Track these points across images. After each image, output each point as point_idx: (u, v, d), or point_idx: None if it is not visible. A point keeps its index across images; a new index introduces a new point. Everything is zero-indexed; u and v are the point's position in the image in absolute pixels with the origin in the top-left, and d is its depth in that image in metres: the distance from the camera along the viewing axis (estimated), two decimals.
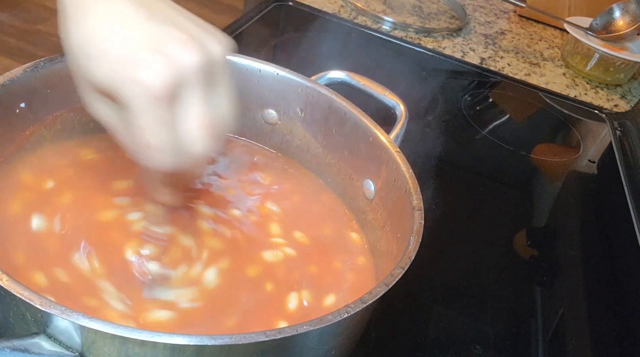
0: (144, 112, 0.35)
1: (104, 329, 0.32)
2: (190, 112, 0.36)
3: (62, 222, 0.46)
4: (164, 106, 0.35)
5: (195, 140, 0.36)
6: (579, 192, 0.86)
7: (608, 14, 1.08)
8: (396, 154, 0.51)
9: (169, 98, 0.35)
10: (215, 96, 0.37)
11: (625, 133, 0.96)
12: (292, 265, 0.49)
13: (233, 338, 0.33)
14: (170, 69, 0.34)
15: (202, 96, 0.36)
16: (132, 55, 0.34)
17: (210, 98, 0.37)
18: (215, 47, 0.37)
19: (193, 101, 0.36)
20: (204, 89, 0.36)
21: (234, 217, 0.52)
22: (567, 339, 0.61)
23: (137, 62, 0.34)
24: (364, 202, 0.55)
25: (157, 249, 0.46)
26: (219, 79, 0.37)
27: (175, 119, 0.36)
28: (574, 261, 0.73)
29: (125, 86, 0.34)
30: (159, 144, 0.36)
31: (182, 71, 0.35)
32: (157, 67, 0.34)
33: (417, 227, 0.44)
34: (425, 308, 0.60)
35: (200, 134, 0.36)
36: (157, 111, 0.35)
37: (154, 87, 0.34)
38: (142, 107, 0.34)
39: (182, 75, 0.35)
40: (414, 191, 0.47)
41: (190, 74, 0.35)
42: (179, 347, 0.32)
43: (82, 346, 0.33)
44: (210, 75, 0.36)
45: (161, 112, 0.35)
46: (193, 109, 0.36)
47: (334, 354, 0.41)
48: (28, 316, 0.34)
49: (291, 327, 0.34)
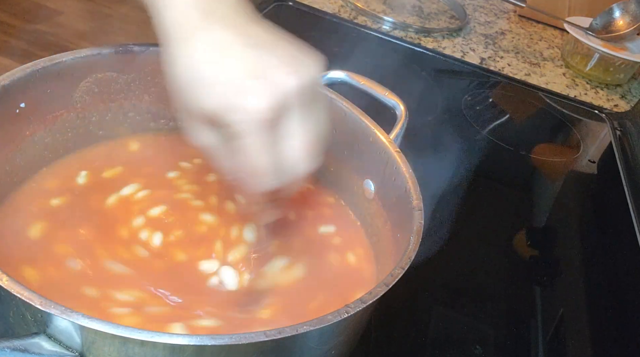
0: (251, 136, 0.36)
1: (103, 329, 0.32)
2: (292, 133, 0.37)
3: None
4: (269, 130, 0.36)
5: (299, 160, 0.38)
6: (579, 192, 0.86)
7: (608, 13, 1.08)
8: (396, 154, 0.51)
9: (274, 122, 0.36)
10: (313, 114, 0.38)
11: (625, 133, 0.96)
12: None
13: (233, 338, 0.33)
14: (273, 94, 0.36)
15: (303, 117, 0.37)
16: (237, 83, 0.36)
17: (309, 116, 0.38)
18: (311, 68, 0.38)
19: (295, 123, 0.37)
20: (304, 110, 0.37)
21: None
22: (567, 339, 0.61)
23: (243, 89, 0.35)
24: (364, 202, 0.55)
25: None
26: (316, 97, 0.38)
27: (278, 141, 0.37)
28: (574, 261, 0.73)
29: (233, 113, 0.36)
30: (265, 167, 0.37)
31: (284, 95, 0.36)
32: (261, 93, 0.35)
33: (417, 227, 0.44)
34: (425, 308, 0.60)
35: (304, 154, 0.38)
36: (263, 135, 0.36)
37: (260, 112, 0.35)
38: (249, 132, 0.36)
39: (284, 99, 0.36)
40: (414, 191, 0.47)
41: (292, 97, 0.36)
42: (178, 347, 0.32)
43: (82, 346, 0.33)
44: (310, 99, 0.38)
45: (266, 135, 0.36)
46: (295, 130, 0.37)
47: (333, 354, 0.41)
48: (28, 316, 0.34)
49: (291, 327, 0.34)
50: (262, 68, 0.36)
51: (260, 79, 0.36)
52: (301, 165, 0.38)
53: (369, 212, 0.54)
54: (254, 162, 0.37)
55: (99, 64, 0.52)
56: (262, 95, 0.35)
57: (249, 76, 0.36)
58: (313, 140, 0.38)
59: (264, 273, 0.47)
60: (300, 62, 0.38)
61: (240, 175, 0.39)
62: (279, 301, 0.46)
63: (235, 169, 0.39)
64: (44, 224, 0.46)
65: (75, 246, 0.45)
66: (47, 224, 0.46)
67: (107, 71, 0.53)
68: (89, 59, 0.51)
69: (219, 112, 0.36)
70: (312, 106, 0.38)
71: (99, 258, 0.45)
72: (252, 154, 0.37)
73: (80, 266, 0.44)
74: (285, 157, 0.38)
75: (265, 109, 0.35)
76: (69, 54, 0.50)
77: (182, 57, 0.37)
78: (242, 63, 0.36)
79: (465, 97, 0.97)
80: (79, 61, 0.50)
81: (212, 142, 0.39)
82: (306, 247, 0.52)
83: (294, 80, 0.36)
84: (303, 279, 0.49)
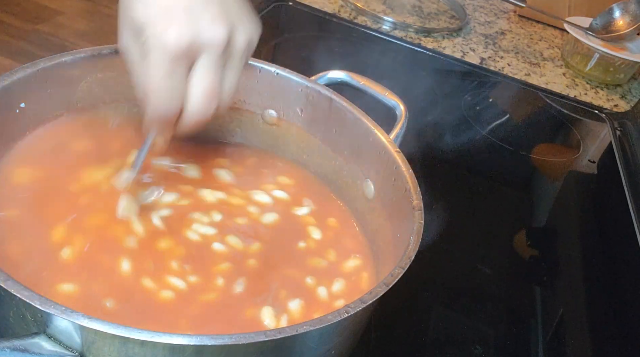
0: (155, 57, 0.40)
1: (103, 329, 0.32)
2: (198, 75, 0.41)
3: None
4: (176, 63, 0.40)
5: (194, 100, 0.42)
6: (579, 192, 0.86)
7: (608, 13, 1.08)
8: (396, 154, 0.51)
9: (183, 58, 0.40)
10: (227, 72, 0.43)
11: (625, 133, 0.96)
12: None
13: (233, 338, 0.33)
14: (191, 31, 0.39)
15: (214, 68, 0.42)
16: (172, 12, 0.40)
17: (220, 70, 0.42)
18: (242, 35, 0.42)
19: (204, 68, 0.41)
20: (218, 63, 0.42)
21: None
22: (567, 339, 0.61)
23: (171, 19, 0.40)
24: (364, 202, 0.55)
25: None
26: (234, 62, 0.43)
27: (183, 76, 0.41)
28: (574, 261, 0.73)
29: (152, 36, 0.40)
30: (160, 89, 0.41)
31: (201, 40, 0.40)
32: (182, 30, 0.39)
33: (417, 227, 0.44)
34: (425, 308, 0.60)
35: (200, 97, 0.42)
36: (169, 64, 0.40)
37: (169, 45, 0.39)
38: (159, 57, 0.40)
39: (199, 44, 0.40)
40: (414, 191, 0.47)
41: (209, 46, 0.41)
42: (179, 347, 0.32)
43: (82, 346, 0.33)
44: (228, 55, 0.42)
45: (171, 67, 0.40)
46: (202, 74, 0.41)
47: (333, 354, 0.41)
48: (28, 316, 0.34)
49: (291, 327, 0.34)
50: (199, 11, 0.40)
51: (190, 16, 0.40)
52: (195, 106, 0.42)
53: (368, 212, 0.54)
54: (151, 82, 0.41)
55: (99, 64, 0.52)
56: (181, 27, 0.39)
57: (184, 14, 0.40)
58: (214, 90, 0.42)
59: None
60: (236, 24, 0.42)
61: (141, 91, 0.43)
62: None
63: (139, 84, 0.43)
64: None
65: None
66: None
67: (107, 71, 0.53)
68: (89, 59, 0.51)
69: (142, 24, 0.40)
70: (228, 67, 0.43)
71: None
72: (151, 73, 0.41)
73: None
74: (185, 92, 0.42)
75: (174, 44, 0.39)
76: (69, 54, 0.50)
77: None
78: (189, 1, 0.40)
79: (465, 97, 0.97)
80: (79, 61, 0.50)
81: (132, 53, 0.43)
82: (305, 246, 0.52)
83: (218, 34, 0.40)
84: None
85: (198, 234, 0.49)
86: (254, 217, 0.53)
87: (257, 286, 0.47)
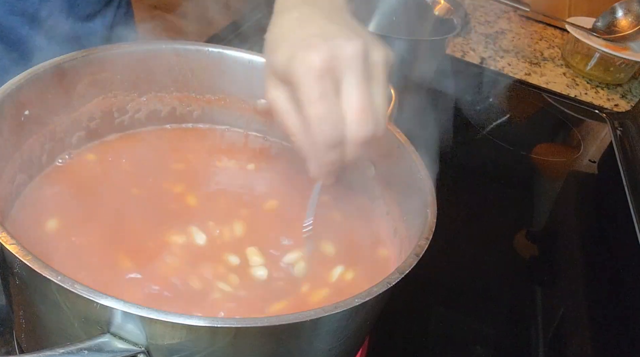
0: (307, 85, 0.40)
1: (168, 319, 0.32)
2: (349, 93, 0.41)
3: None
4: (326, 82, 0.40)
5: (354, 119, 0.41)
6: (580, 192, 0.86)
7: (610, 13, 1.07)
8: (397, 134, 0.52)
9: (329, 75, 0.40)
10: (373, 91, 0.42)
11: (625, 133, 0.96)
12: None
13: None
14: (331, 50, 0.40)
15: (360, 81, 0.41)
16: (306, 42, 0.41)
17: (367, 85, 0.42)
18: (377, 51, 0.42)
19: (352, 85, 0.41)
20: (363, 76, 0.41)
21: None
22: (567, 339, 0.62)
23: (308, 46, 0.40)
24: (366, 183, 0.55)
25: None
26: (377, 77, 0.42)
27: (336, 97, 0.41)
28: (575, 260, 0.73)
29: (296, 66, 0.40)
30: (322, 113, 0.40)
31: (340, 55, 0.40)
32: (320, 48, 0.40)
33: (430, 199, 0.45)
34: (425, 308, 0.61)
35: (358, 114, 0.41)
36: (320, 85, 0.40)
37: (314, 63, 0.40)
38: (308, 82, 0.40)
39: (340, 59, 0.40)
40: (419, 164, 0.49)
41: (349, 59, 0.40)
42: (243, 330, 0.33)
43: (147, 339, 0.34)
44: (370, 71, 0.42)
45: (323, 85, 0.40)
46: (352, 91, 0.41)
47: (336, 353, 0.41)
48: (92, 318, 0.34)
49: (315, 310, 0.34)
50: (332, 36, 0.41)
51: (325, 40, 0.40)
52: (353, 123, 0.41)
53: (376, 196, 0.55)
54: (312, 111, 0.40)
55: (99, 64, 0.52)
56: (320, 50, 0.40)
57: (316, 37, 0.41)
58: (366, 102, 0.41)
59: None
60: (370, 43, 0.42)
61: (301, 136, 0.42)
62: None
63: (298, 125, 0.42)
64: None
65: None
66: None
67: (107, 71, 0.52)
68: (89, 59, 0.51)
69: (286, 68, 0.41)
70: (374, 79, 0.42)
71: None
72: (309, 102, 0.40)
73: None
74: (343, 112, 0.41)
75: (318, 59, 0.39)
76: (69, 54, 0.50)
77: (274, 26, 0.45)
78: (315, 28, 0.42)
79: (465, 97, 0.97)
80: (79, 61, 0.50)
81: (281, 98, 0.43)
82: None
83: (355, 48, 0.40)
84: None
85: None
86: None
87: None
